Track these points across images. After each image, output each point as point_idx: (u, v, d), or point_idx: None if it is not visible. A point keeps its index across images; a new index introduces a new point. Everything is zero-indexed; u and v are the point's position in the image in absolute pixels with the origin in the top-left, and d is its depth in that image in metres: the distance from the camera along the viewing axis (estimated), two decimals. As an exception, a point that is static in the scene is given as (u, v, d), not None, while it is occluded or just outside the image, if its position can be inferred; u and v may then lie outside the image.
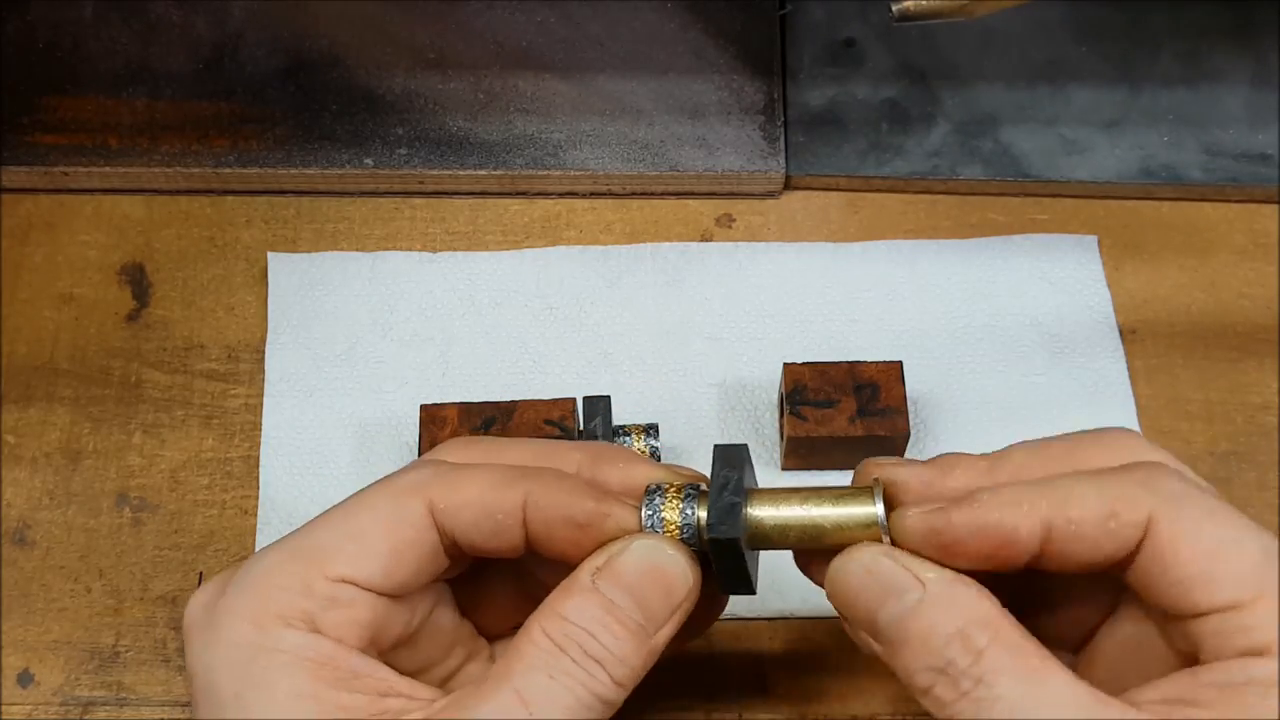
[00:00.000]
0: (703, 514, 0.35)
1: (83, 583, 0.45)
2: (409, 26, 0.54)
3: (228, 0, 0.54)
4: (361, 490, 0.36)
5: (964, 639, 0.32)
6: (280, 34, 0.54)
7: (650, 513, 0.35)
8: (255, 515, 0.46)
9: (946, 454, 0.37)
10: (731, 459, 0.36)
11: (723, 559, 0.35)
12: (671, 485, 0.35)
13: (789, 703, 0.44)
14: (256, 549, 0.45)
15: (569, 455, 0.37)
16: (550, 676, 0.33)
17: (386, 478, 0.36)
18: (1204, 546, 0.33)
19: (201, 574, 0.45)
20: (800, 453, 0.45)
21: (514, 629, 0.38)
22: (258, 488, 0.46)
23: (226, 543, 0.46)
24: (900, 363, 0.45)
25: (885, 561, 0.34)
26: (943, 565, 0.34)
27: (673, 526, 0.35)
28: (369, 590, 0.34)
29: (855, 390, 0.45)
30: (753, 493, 0.36)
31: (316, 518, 0.35)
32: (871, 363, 0.45)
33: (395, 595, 0.35)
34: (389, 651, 0.35)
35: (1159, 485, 0.34)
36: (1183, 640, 0.34)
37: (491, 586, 0.39)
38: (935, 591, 0.33)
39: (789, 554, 0.44)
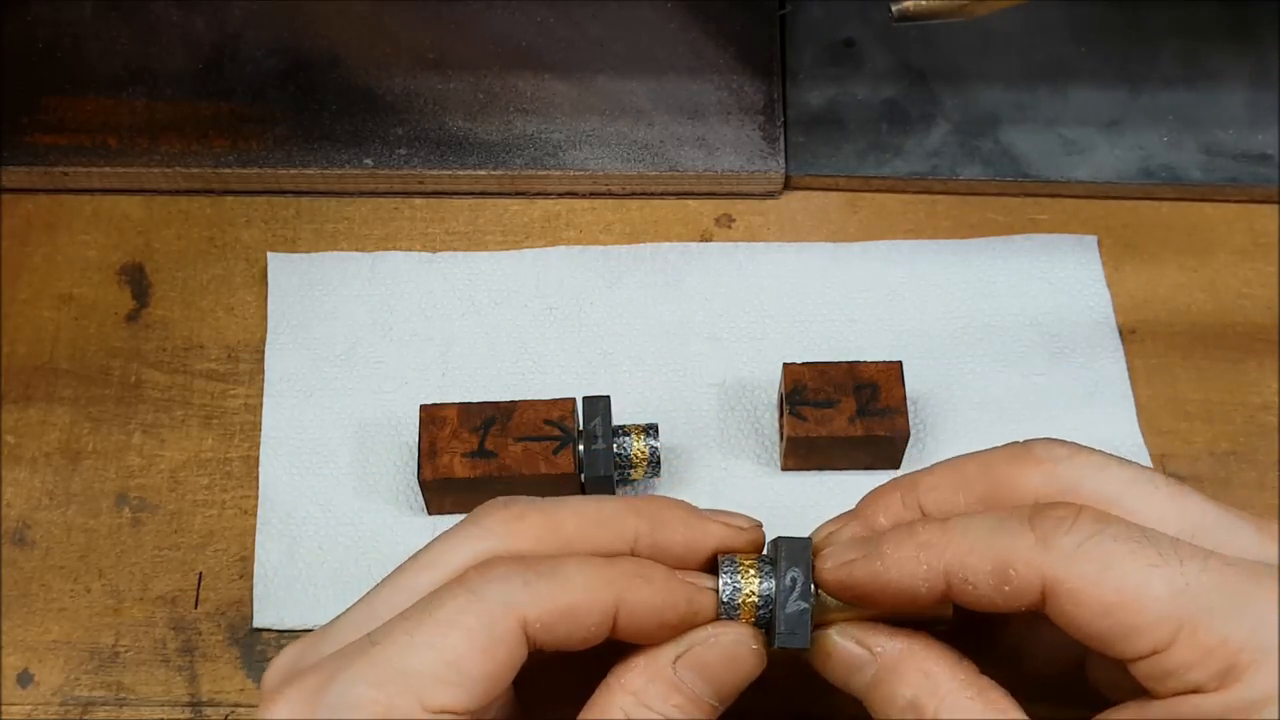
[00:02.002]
0: (771, 582, 0.36)
1: (82, 583, 0.45)
2: (409, 26, 0.54)
3: (228, 0, 0.54)
4: (444, 595, 0.33)
5: (915, 708, 0.34)
6: (280, 34, 0.54)
7: (729, 589, 0.36)
8: (255, 515, 0.46)
9: (870, 493, 0.38)
10: (796, 555, 0.36)
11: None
12: (744, 561, 0.36)
13: (789, 703, 0.43)
14: (257, 549, 0.45)
15: (626, 522, 0.36)
16: None
17: (470, 582, 0.33)
18: (1107, 601, 0.32)
19: (201, 574, 0.45)
20: (800, 453, 0.45)
21: (552, 699, 0.38)
22: (258, 488, 0.46)
23: (226, 543, 0.46)
24: (900, 363, 0.45)
25: (839, 642, 0.36)
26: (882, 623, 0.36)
27: (750, 604, 0.36)
28: (464, 715, 0.33)
29: (855, 390, 0.44)
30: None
31: (397, 622, 0.33)
32: (871, 363, 0.45)
33: (484, 712, 0.34)
34: None
35: (1055, 541, 0.33)
36: (1137, 679, 0.33)
37: (543, 668, 0.38)
38: (885, 662, 0.35)
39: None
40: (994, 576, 0.33)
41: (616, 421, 0.45)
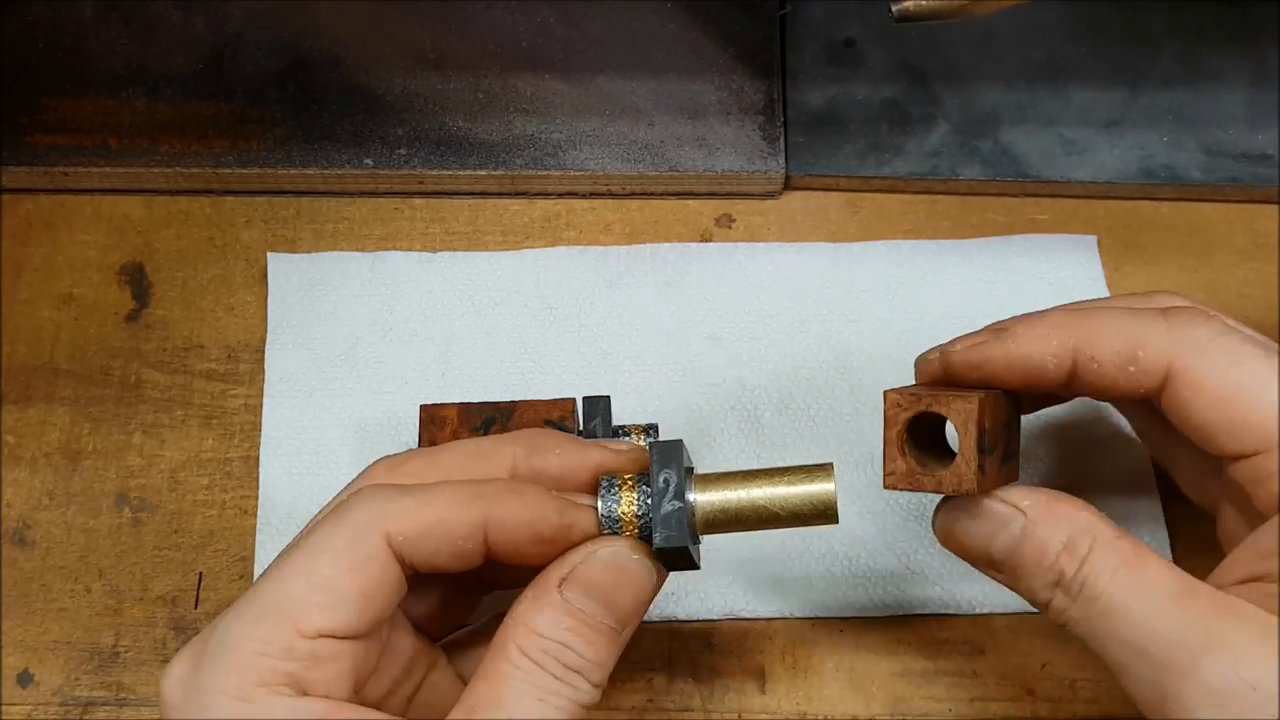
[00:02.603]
0: (650, 499, 0.36)
1: (82, 583, 0.45)
2: (409, 26, 0.54)
3: (228, 0, 0.54)
4: (313, 527, 0.34)
5: (1070, 549, 0.35)
6: (280, 34, 0.54)
7: (607, 508, 0.36)
8: (255, 515, 0.46)
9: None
10: (668, 457, 0.36)
11: (672, 560, 0.36)
12: (624, 478, 0.36)
13: (789, 703, 0.44)
14: (257, 549, 0.45)
15: (503, 451, 0.37)
16: (539, 699, 0.33)
17: (335, 510, 0.35)
18: (1222, 394, 0.34)
19: (201, 574, 0.45)
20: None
21: (454, 625, 0.39)
22: (257, 488, 0.46)
23: (226, 543, 0.46)
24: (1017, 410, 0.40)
25: (985, 501, 0.36)
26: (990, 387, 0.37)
27: (630, 520, 0.35)
28: (346, 639, 0.33)
29: (1005, 427, 0.38)
30: (703, 480, 0.36)
31: (272, 566, 0.34)
32: (1011, 398, 0.39)
33: (368, 635, 0.34)
34: (364, 687, 0.35)
35: (1184, 332, 0.35)
36: (1237, 484, 0.35)
37: (431, 592, 0.38)
38: (1035, 515, 0.36)
39: (788, 556, 0.44)
40: (1122, 356, 0.35)
41: (616, 421, 0.45)
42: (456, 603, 0.38)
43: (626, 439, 0.44)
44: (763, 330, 0.49)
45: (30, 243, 0.51)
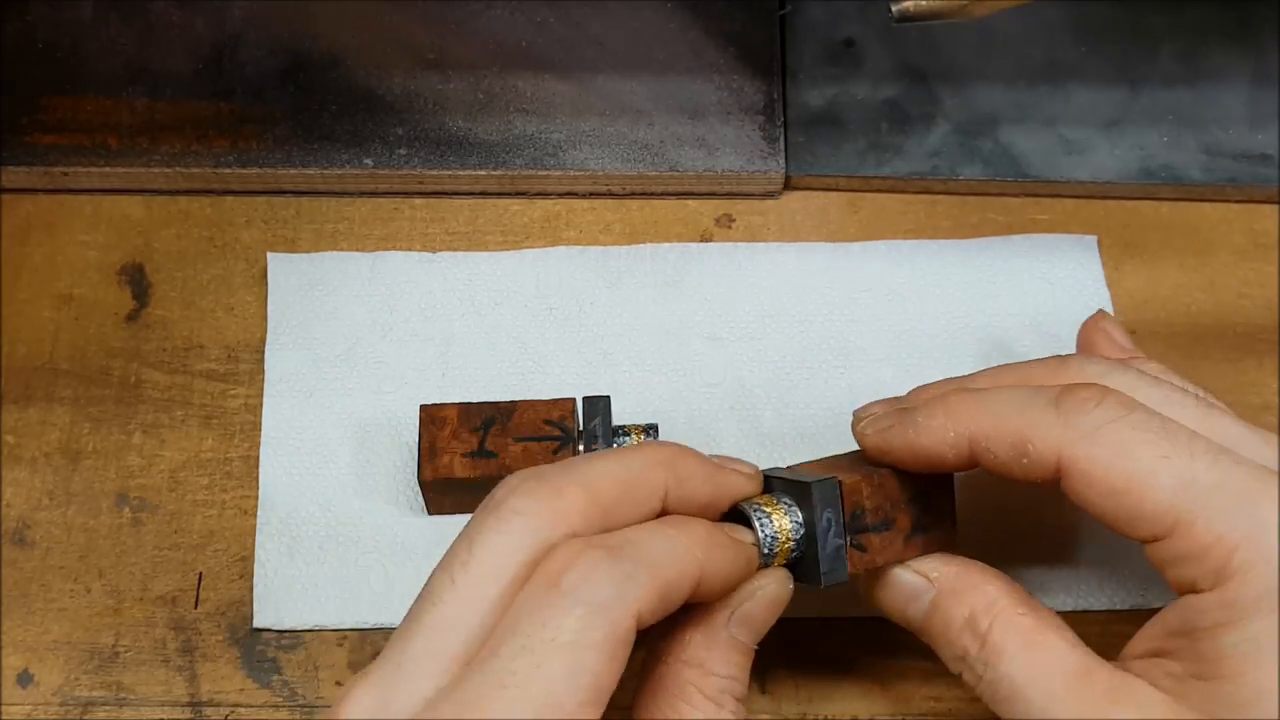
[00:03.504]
0: (799, 514, 0.37)
1: (82, 583, 0.45)
2: (409, 26, 0.54)
3: (228, 0, 0.54)
4: (555, 614, 0.31)
5: (972, 626, 0.36)
6: (280, 34, 0.54)
7: (767, 537, 0.37)
8: (255, 515, 0.46)
9: (918, 388, 0.40)
10: (828, 496, 0.37)
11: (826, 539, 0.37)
12: (765, 504, 0.37)
13: (789, 703, 0.44)
14: (257, 549, 0.45)
15: (654, 480, 0.35)
16: None
17: (574, 592, 0.31)
18: (1112, 486, 0.34)
19: (201, 574, 0.45)
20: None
21: None
22: (258, 488, 0.46)
23: (226, 543, 0.46)
24: (951, 476, 0.39)
25: (895, 571, 0.38)
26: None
27: (786, 548, 0.37)
28: None
29: (908, 502, 0.38)
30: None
31: (515, 652, 0.31)
32: (921, 476, 0.38)
33: None
34: None
35: (1073, 421, 0.34)
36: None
37: None
38: (943, 586, 0.37)
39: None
40: (1014, 449, 0.35)
41: (616, 421, 0.45)
42: None
43: (626, 439, 0.44)
44: (763, 330, 0.49)
45: (30, 243, 0.51)
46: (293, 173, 0.51)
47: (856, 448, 0.40)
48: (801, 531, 0.37)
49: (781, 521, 0.37)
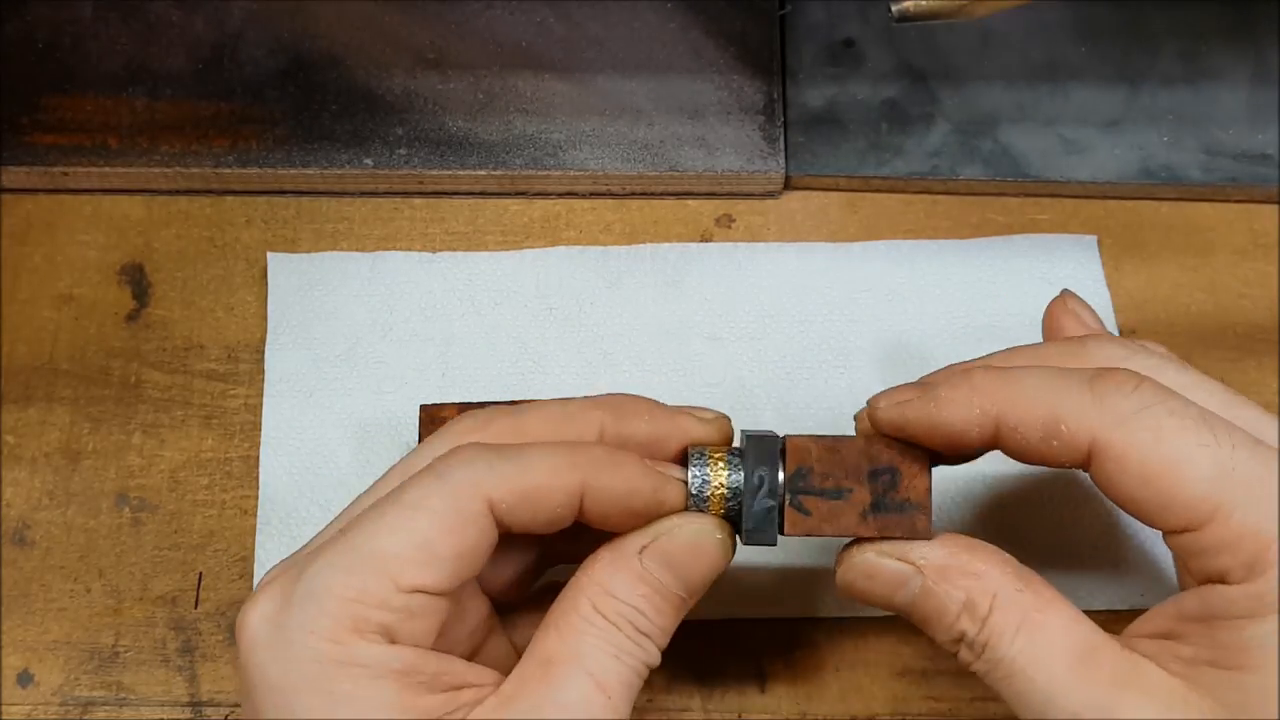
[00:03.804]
0: (740, 474, 0.36)
1: (82, 583, 0.45)
2: (409, 26, 0.54)
3: (228, 0, 0.54)
4: (412, 481, 0.34)
5: (970, 609, 0.34)
6: (280, 34, 0.54)
7: (697, 483, 0.36)
8: (255, 515, 0.46)
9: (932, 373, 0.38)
10: (764, 452, 0.36)
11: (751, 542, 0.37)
12: (713, 453, 0.36)
13: (789, 703, 0.44)
14: (257, 549, 0.45)
15: (590, 416, 0.37)
16: (615, 656, 0.34)
17: (434, 468, 0.34)
18: (1148, 473, 0.33)
19: (201, 574, 0.45)
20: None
21: (516, 596, 0.39)
22: (258, 488, 0.46)
23: (226, 543, 0.46)
24: (927, 453, 0.37)
25: (879, 561, 0.36)
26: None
27: (717, 498, 0.36)
28: (437, 595, 0.33)
29: (870, 476, 0.36)
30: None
31: (368, 511, 0.34)
32: (891, 443, 0.37)
33: (454, 594, 0.34)
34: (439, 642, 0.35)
35: (1108, 404, 0.33)
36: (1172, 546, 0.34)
37: (506, 558, 0.38)
38: (933, 573, 0.35)
39: (789, 556, 0.44)
40: (1044, 429, 0.34)
41: (616, 421, 0.45)
42: (525, 572, 0.39)
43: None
44: (763, 330, 0.49)
45: (30, 243, 0.51)
46: (293, 173, 0.51)
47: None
48: (739, 485, 0.36)
49: (718, 470, 0.36)
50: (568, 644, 0.34)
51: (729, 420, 0.38)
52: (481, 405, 0.44)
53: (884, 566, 0.36)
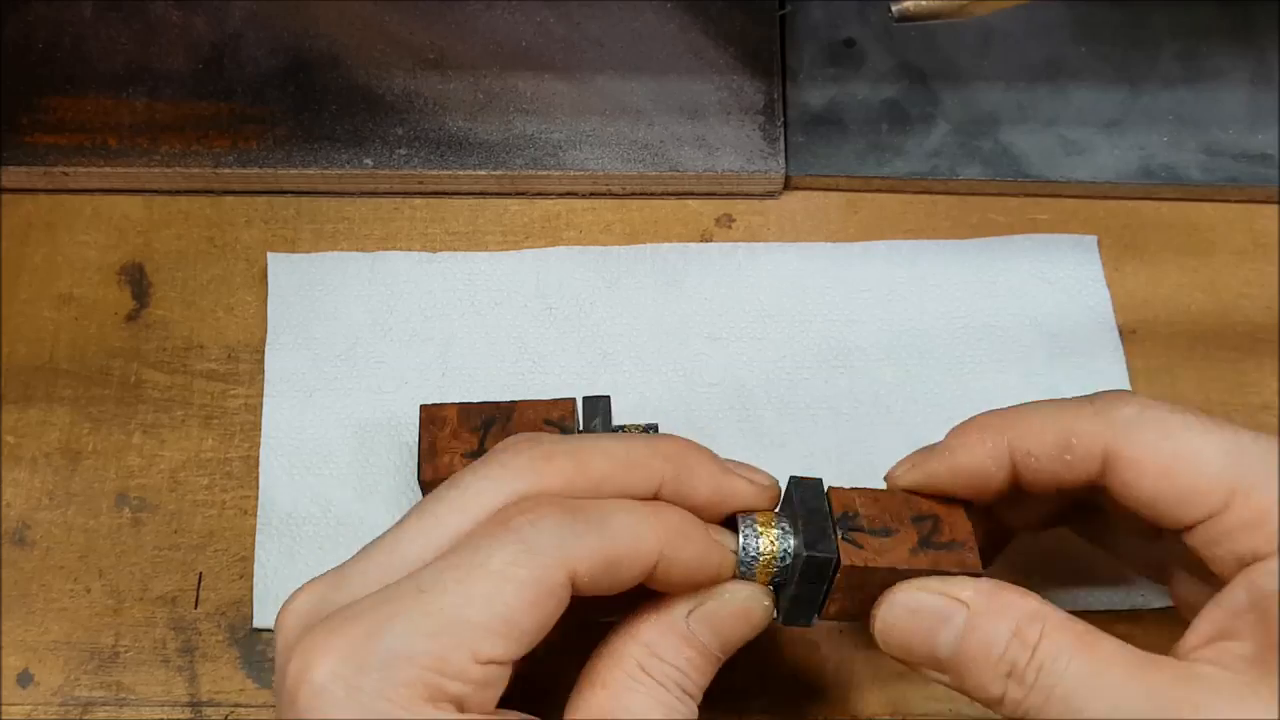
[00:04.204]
0: (791, 542, 0.36)
1: (82, 583, 0.45)
2: (409, 26, 0.54)
3: (228, 0, 0.54)
4: (493, 542, 0.33)
5: (1020, 637, 0.34)
6: (280, 34, 0.54)
7: (747, 552, 0.36)
8: (255, 515, 0.46)
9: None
10: (810, 497, 0.37)
11: (810, 583, 0.37)
12: (763, 521, 0.37)
13: (789, 703, 0.44)
14: (257, 549, 0.45)
15: (653, 466, 0.36)
16: (663, 714, 0.34)
17: (520, 531, 0.33)
18: (1162, 468, 0.34)
19: (201, 574, 0.45)
20: (852, 588, 0.38)
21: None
22: (258, 488, 0.46)
23: (226, 543, 0.46)
24: (962, 504, 0.38)
25: (923, 596, 0.36)
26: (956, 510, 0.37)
27: (768, 569, 0.36)
28: (509, 664, 0.33)
29: (914, 521, 0.37)
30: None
31: (445, 569, 0.33)
32: (928, 497, 0.38)
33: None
34: None
35: (1112, 413, 0.35)
36: (1192, 550, 0.35)
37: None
38: (978, 606, 0.35)
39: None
40: (1056, 447, 0.35)
41: (616, 421, 0.45)
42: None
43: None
44: (763, 330, 0.49)
45: (30, 243, 0.51)
46: (293, 173, 0.51)
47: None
48: (789, 559, 0.36)
49: (770, 538, 0.36)
50: (618, 700, 0.34)
51: (779, 488, 0.38)
52: (480, 405, 0.44)
53: (928, 602, 0.35)
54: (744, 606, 0.36)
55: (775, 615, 0.37)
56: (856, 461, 0.47)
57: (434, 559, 0.33)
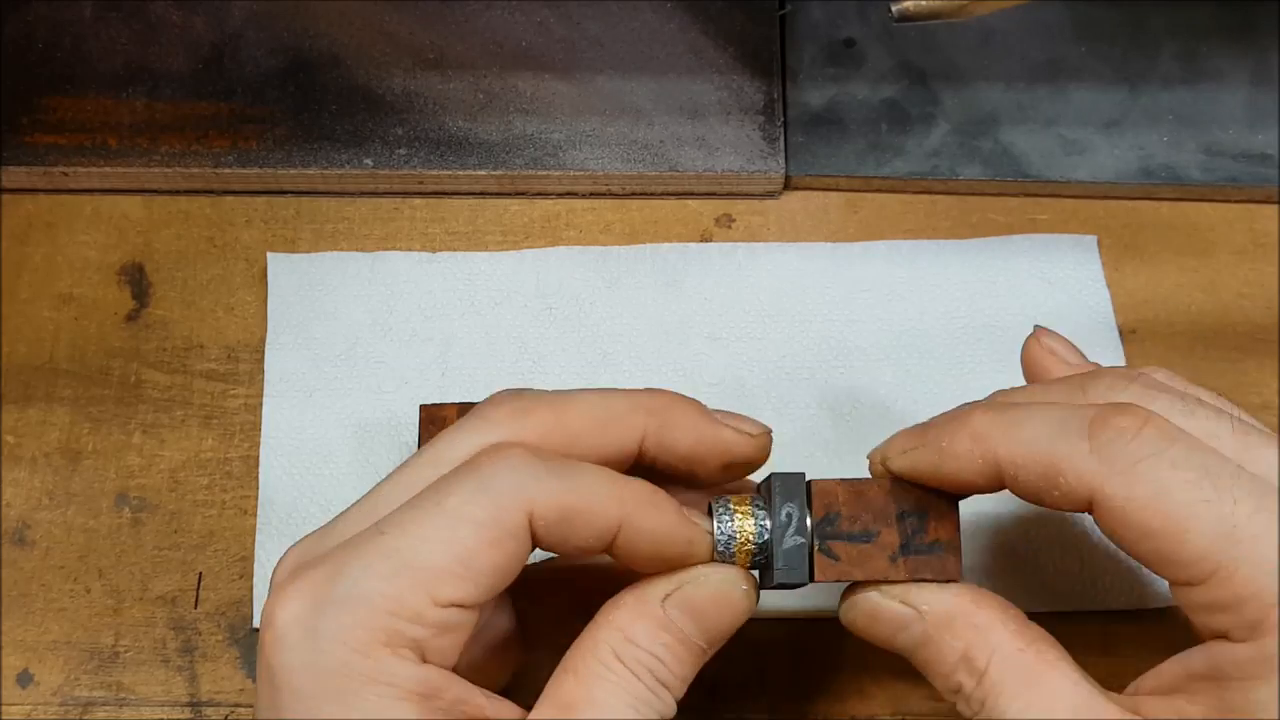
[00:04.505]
0: (768, 522, 0.36)
1: (82, 583, 0.45)
2: (409, 26, 0.54)
3: (228, 0, 0.54)
4: (453, 483, 0.33)
5: (967, 663, 0.34)
6: (280, 34, 0.54)
7: (723, 534, 0.35)
8: (255, 515, 0.46)
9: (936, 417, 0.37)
10: (791, 490, 0.36)
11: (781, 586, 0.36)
12: (738, 503, 0.36)
13: (789, 703, 0.44)
14: (257, 549, 0.45)
15: (635, 420, 0.35)
16: (633, 706, 0.33)
17: (477, 473, 0.33)
18: (1150, 528, 0.32)
19: (201, 574, 0.45)
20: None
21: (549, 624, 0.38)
22: (258, 488, 0.46)
23: (226, 543, 0.46)
24: (956, 499, 0.37)
25: (883, 602, 0.35)
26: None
27: (746, 550, 0.36)
28: (469, 609, 0.33)
29: (898, 519, 0.36)
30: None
31: (406, 511, 0.33)
32: (916, 487, 0.37)
33: (482, 605, 0.33)
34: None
35: (1108, 454, 0.33)
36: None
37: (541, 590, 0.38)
38: (934, 619, 0.35)
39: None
40: (1045, 479, 0.33)
41: (616, 421, 0.45)
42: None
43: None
44: (763, 330, 0.49)
45: (30, 243, 0.51)
46: (293, 173, 0.51)
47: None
48: (765, 536, 0.36)
49: (744, 523, 0.35)
50: (586, 690, 0.33)
51: (770, 436, 0.37)
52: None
53: (886, 608, 0.35)
54: (721, 590, 0.35)
55: (759, 596, 0.36)
56: (856, 462, 0.47)
57: None
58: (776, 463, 0.47)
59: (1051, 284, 0.50)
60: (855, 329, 0.49)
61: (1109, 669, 0.35)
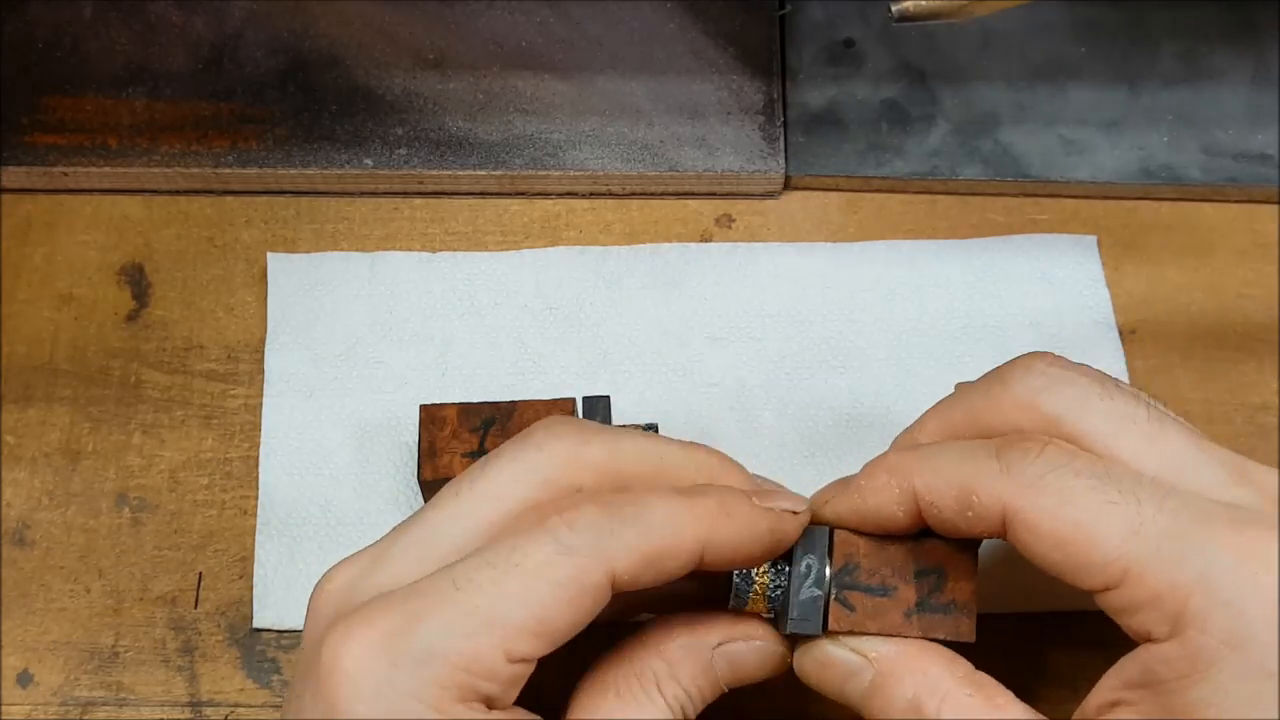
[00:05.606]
0: (783, 578, 0.36)
1: (82, 583, 0.45)
2: (409, 26, 0.54)
3: (228, 0, 0.54)
4: (530, 542, 0.32)
5: (916, 708, 0.34)
6: (280, 34, 0.54)
7: (740, 578, 0.36)
8: (255, 515, 0.46)
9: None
10: (812, 541, 0.36)
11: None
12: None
13: (789, 703, 0.43)
14: (257, 549, 0.45)
15: (685, 476, 0.36)
16: None
17: (556, 531, 0.33)
18: (1058, 537, 0.33)
19: (201, 574, 0.45)
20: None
21: None
22: (258, 488, 0.46)
23: (226, 543, 0.46)
24: (974, 548, 0.37)
25: (834, 650, 0.36)
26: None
27: (763, 589, 0.36)
28: (536, 660, 0.33)
29: (916, 576, 0.36)
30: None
31: (479, 568, 0.32)
32: (941, 542, 0.37)
33: None
34: None
35: (1016, 471, 0.33)
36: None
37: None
38: (883, 667, 0.35)
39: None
40: (958, 502, 0.34)
41: (616, 421, 0.45)
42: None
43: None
44: (763, 330, 0.49)
45: (30, 243, 0.51)
46: (293, 173, 0.51)
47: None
48: (783, 585, 0.36)
49: (763, 571, 0.36)
50: (626, 713, 0.34)
51: (809, 509, 0.37)
52: (480, 405, 0.44)
53: (836, 656, 0.36)
54: (765, 653, 0.36)
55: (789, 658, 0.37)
56: (856, 462, 0.47)
57: (469, 549, 0.33)
58: (777, 463, 0.47)
59: (1051, 284, 0.50)
60: (855, 329, 0.49)
61: (1108, 669, 0.35)
